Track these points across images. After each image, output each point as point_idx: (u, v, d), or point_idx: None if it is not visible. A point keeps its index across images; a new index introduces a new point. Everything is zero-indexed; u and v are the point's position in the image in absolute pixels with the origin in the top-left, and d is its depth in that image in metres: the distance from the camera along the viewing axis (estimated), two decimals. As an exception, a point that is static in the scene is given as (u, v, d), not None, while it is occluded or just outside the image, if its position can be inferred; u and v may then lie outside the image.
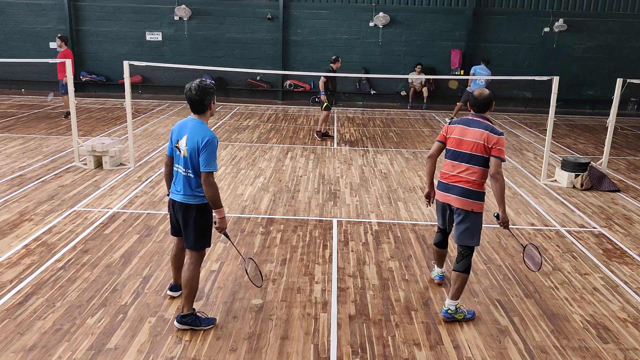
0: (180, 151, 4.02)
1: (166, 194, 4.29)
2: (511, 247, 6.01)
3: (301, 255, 5.62)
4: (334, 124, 13.75)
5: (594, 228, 6.76)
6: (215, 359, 3.84)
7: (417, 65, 16.78)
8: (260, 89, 17.81)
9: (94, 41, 17.47)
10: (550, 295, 4.96)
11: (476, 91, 4.54)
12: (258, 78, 17.66)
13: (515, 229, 6.62)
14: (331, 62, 11.57)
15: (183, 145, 3.98)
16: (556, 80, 8.32)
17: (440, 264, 5.05)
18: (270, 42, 17.40)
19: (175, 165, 4.11)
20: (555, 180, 8.78)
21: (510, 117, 16.04)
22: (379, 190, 8.04)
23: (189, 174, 4.01)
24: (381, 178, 8.75)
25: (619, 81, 8.79)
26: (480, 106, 4.45)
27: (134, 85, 11.84)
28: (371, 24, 17.12)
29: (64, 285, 4.79)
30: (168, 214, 4.34)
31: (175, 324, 4.18)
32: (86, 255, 5.43)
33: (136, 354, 3.86)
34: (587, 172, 8.42)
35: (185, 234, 4.14)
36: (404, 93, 17.60)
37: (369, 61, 17.37)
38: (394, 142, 11.77)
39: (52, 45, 16.96)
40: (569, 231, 6.61)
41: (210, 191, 3.91)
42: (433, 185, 4.77)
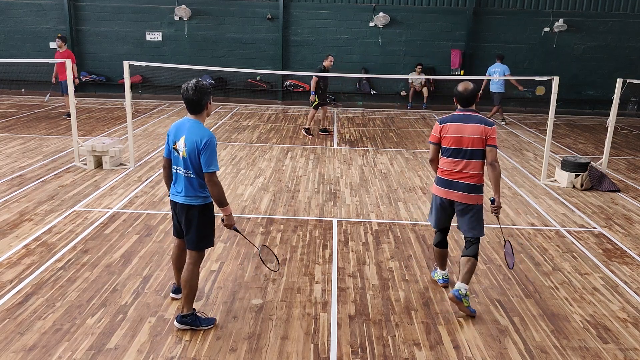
0: (178, 152, 4.01)
1: (167, 195, 4.28)
2: (511, 247, 6.01)
3: (301, 255, 5.62)
4: (334, 124, 13.75)
5: (594, 228, 6.76)
6: (215, 359, 3.84)
7: (417, 66, 16.78)
8: (260, 89, 17.81)
9: (94, 41, 17.46)
10: (550, 295, 4.96)
11: (460, 86, 4.62)
12: (258, 78, 17.66)
13: (515, 229, 6.62)
14: (323, 61, 11.72)
15: (181, 147, 3.97)
16: (556, 80, 8.32)
17: (443, 265, 5.03)
18: (270, 42, 17.40)
19: (175, 167, 4.10)
20: (555, 180, 8.78)
21: (510, 117, 16.03)
22: (379, 190, 8.04)
23: (190, 175, 4.00)
24: (381, 178, 8.75)
25: (619, 81, 8.79)
26: (468, 100, 4.60)
27: (134, 85, 11.86)
28: (371, 24, 17.11)
29: (64, 285, 4.79)
30: (171, 215, 4.35)
31: (175, 324, 4.18)
32: (86, 255, 5.43)
33: (136, 354, 3.86)
34: (587, 172, 8.42)
35: (188, 234, 4.13)
36: (404, 93, 17.60)
37: (369, 61, 17.38)
38: (394, 142, 11.77)
39: (52, 45, 16.95)
40: (569, 231, 6.61)
41: (215, 191, 3.95)
42: None
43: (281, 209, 7.05)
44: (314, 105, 11.81)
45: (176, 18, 17.14)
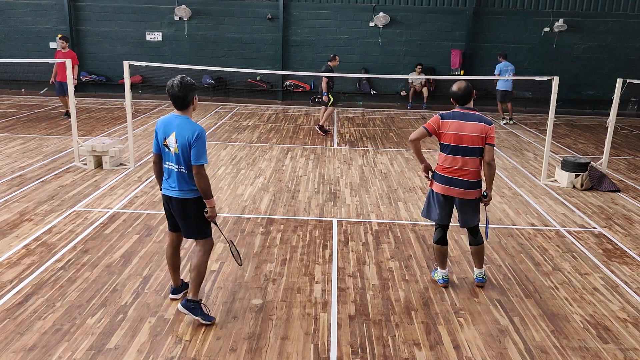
0: (169, 149, 4.06)
1: (159, 190, 4.35)
2: (511, 247, 6.02)
3: (301, 255, 5.62)
4: (334, 124, 13.75)
5: (594, 228, 6.76)
6: (215, 359, 3.84)
7: (417, 66, 16.78)
8: (260, 89, 17.81)
9: (94, 41, 17.47)
10: (550, 295, 4.96)
11: (454, 86, 4.75)
12: (258, 78, 17.66)
13: (515, 229, 6.62)
14: (329, 61, 11.92)
15: (172, 143, 4.02)
16: (556, 80, 8.32)
17: (443, 264, 5.04)
18: (270, 42, 17.40)
19: (166, 162, 4.15)
20: (555, 180, 8.78)
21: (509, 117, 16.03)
22: (379, 190, 8.04)
23: (182, 170, 4.07)
24: (381, 178, 8.75)
25: (619, 81, 8.79)
26: (465, 98, 4.71)
27: (134, 85, 11.85)
28: (371, 24, 17.12)
29: (64, 285, 4.79)
30: (164, 209, 4.42)
31: (179, 306, 4.26)
32: (86, 255, 5.43)
33: (136, 354, 3.86)
34: (587, 172, 8.42)
35: (186, 227, 4.24)
36: (404, 93, 17.60)
37: (369, 61, 17.38)
38: (394, 142, 11.77)
39: (52, 45, 16.97)
40: (569, 231, 6.61)
41: (202, 182, 4.01)
42: (425, 159, 4.95)
43: (281, 209, 7.05)
44: (330, 103, 12.12)
45: (176, 18, 17.15)
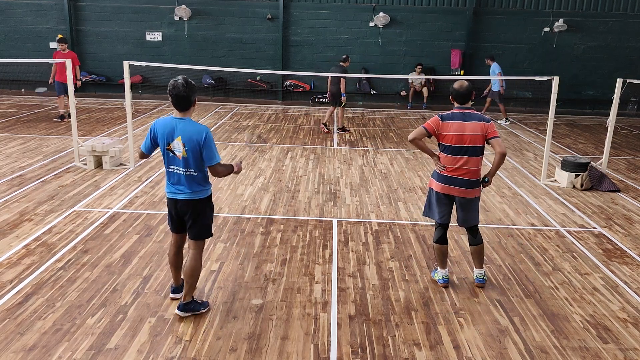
0: (174, 153, 4.04)
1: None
2: (511, 247, 6.02)
3: (301, 255, 5.62)
4: (334, 124, 13.75)
5: (594, 228, 6.76)
6: (215, 359, 3.84)
7: (417, 66, 16.78)
8: (260, 89, 17.81)
9: (94, 41, 17.47)
10: (550, 295, 4.96)
11: (455, 84, 4.80)
12: (258, 78, 17.66)
13: (515, 229, 6.62)
14: (341, 62, 12.25)
15: (179, 147, 4.00)
16: (556, 80, 8.32)
17: (443, 264, 5.04)
18: (270, 42, 17.40)
19: (171, 166, 4.12)
20: (555, 180, 8.78)
21: (510, 117, 16.03)
22: (379, 190, 8.04)
23: (192, 173, 4.08)
24: (381, 178, 8.75)
25: (619, 81, 8.79)
26: (466, 97, 4.75)
27: (134, 85, 11.84)
28: (371, 24, 17.12)
29: (64, 285, 4.79)
30: (169, 212, 4.42)
31: (178, 312, 4.29)
32: (86, 255, 5.43)
33: (136, 354, 3.86)
34: (587, 172, 8.42)
35: (195, 228, 4.25)
36: (404, 93, 17.60)
37: (369, 61, 17.38)
38: (394, 142, 11.77)
39: (52, 45, 16.96)
40: (569, 231, 6.61)
41: (223, 173, 4.23)
42: (432, 151, 4.91)
43: (281, 209, 7.05)
44: (344, 104, 12.45)
45: (176, 18, 17.15)
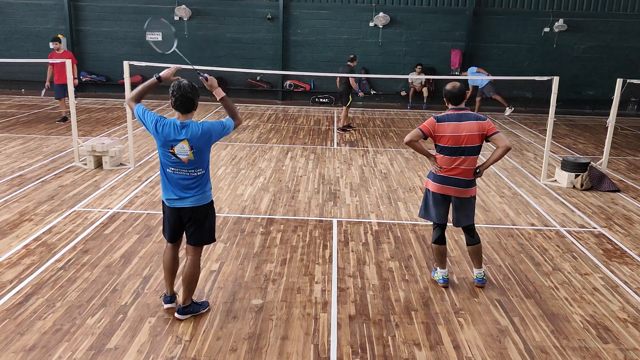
0: (178, 157, 3.95)
1: None
2: (511, 247, 6.02)
3: (301, 256, 5.62)
4: (334, 124, 13.75)
5: (594, 228, 6.76)
6: (215, 359, 3.84)
7: (417, 66, 16.78)
8: (260, 89, 17.81)
9: (94, 41, 17.47)
10: (550, 295, 4.95)
11: (448, 86, 4.84)
12: (258, 78, 17.66)
13: (515, 229, 6.62)
14: (349, 61, 12.43)
15: (185, 150, 3.93)
16: (556, 80, 8.31)
17: (443, 264, 5.04)
18: (270, 42, 17.40)
19: (172, 169, 4.01)
20: (555, 180, 8.78)
21: (510, 117, 16.04)
22: (379, 191, 8.04)
23: (199, 173, 4.04)
24: (381, 178, 8.75)
25: (619, 81, 8.79)
26: (460, 98, 4.78)
27: (134, 85, 11.82)
28: (371, 24, 17.11)
29: (64, 285, 4.79)
30: (167, 221, 4.25)
31: (178, 316, 4.28)
32: (86, 255, 5.43)
33: (136, 354, 3.86)
34: (587, 172, 8.41)
35: (199, 234, 4.19)
36: (404, 93, 17.60)
37: (369, 61, 17.37)
38: (394, 142, 11.77)
39: (52, 45, 16.93)
40: (569, 231, 6.61)
41: (232, 108, 4.33)
42: (429, 152, 4.92)
43: (281, 209, 7.05)
44: (349, 104, 12.57)
45: (176, 18, 17.15)
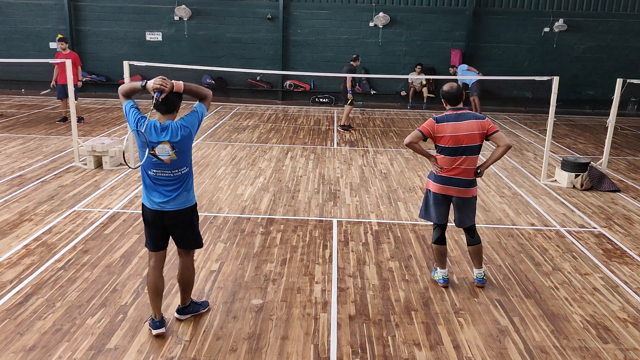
0: (160, 158, 3.77)
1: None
2: (511, 247, 6.02)
3: (301, 256, 5.61)
4: (334, 124, 13.75)
5: (594, 228, 6.76)
6: (215, 359, 3.84)
7: (417, 66, 16.78)
8: (260, 89, 17.81)
9: (94, 41, 17.47)
10: (550, 295, 4.95)
11: (445, 87, 4.82)
12: (258, 78, 17.66)
13: (515, 229, 6.62)
14: (351, 61, 12.48)
15: (167, 151, 3.76)
16: (556, 80, 8.31)
17: (443, 264, 5.04)
18: (270, 42, 17.40)
19: (153, 171, 3.83)
20: (555, 180, 8.78)
21: (510, 117, 16.04)
22: (379, 190, 8.03)
23: (183, 171, 3.89)
24: (381, 178, 8.75)
25: (619, 81, 8.79)
26: (458, 98, 4.77)
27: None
28: (371, 24, 17.11)
29: (64, 285, 4.79)
30: (150, 228, 4.01)
31: (177, 316, 4.27)
32: (86, 255, 5.43)
33: (136, 354, 3.86)
34: (587, 172, 8.41)
35: (185, 238, 4.10)
36: (404, 93, 17.60)
37: (369, 61, 17.37)
38: (394, 142, 11.77)
39: (52, 45, 16.96)
40: (569, 231, 6.61)
41: (197, 89, 3.97)
42: (429, 153, 4.91)
43: (281, 209, 7.05)
44: (349, 102, 12.58)
45: (176, 18, 17.15)
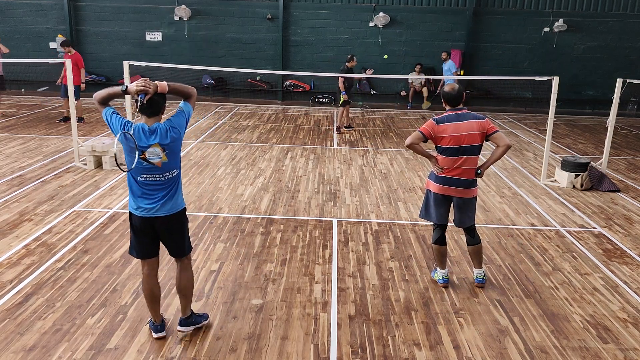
0: (150, 162, 3.68)
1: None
2: (511, 247, 6.02)
3: (301, 256, 5.61)
4: (334, 124, 13.75)
5: (594, 228, 6.76)
6: (215, 359, 3.84)
7: (417, 65, 16.78)
8: (260, 89, 17.81)
9: (94, 41, 17.47)
10: (550, 295, 4.95)
11: (446, 87, 4.82)
12: (258, 78, 17.66)
13: (515, 229, 6.62)
14: (346, 62, 12.47)
15: (158, 154, 3.67)
16: (556, 80, 8.31)
17: (443, 264, 5.04)
18: (270, 42, 17.40)
19: (144, 176, 3.72)
20: (555, 180, 8.78)
21: (510, 117, 16.04)
22: (379, 191, 8.03)
23: (174, 173, 3.80)
24: (381, 178, 8.75)
25: (619, 81, 8.79)
26: (458, 99, 4.76)
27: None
28: (371, 24, 17.11)
29: (64, 285, 4.79)
30: (137, 235, 3.89)
31: (181, 329, 4.10)
32: (86, 255, 5.43)
33: (136, 354, 3.86)
34: (587, 172, 8.42)
35: (176, 245, 3.97)
36: (403, 93, 17.60)
37: (369, 61, 17.34)
38: (394, 142, 11.77)
39: (52, 45, 16.98)
40: (569, 231, 6.61)
41: (184, 89, 3.88)
42: (430, 153, 4.87)
43: (281, 209, 7.05)
44: (342, 103, 12.53)
45: (176, 18, 17.14)
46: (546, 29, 16.96)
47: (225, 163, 9.37)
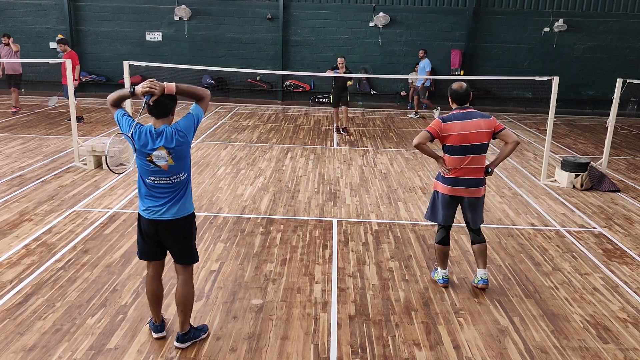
0: (157, 165, 3.65)
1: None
2: (511, 247, 6.02)
3: (301, 255, 5.61)
4: (334, 124, 13.75)
5: (594, 228, 6.76)
6: (215, 359, 3.84)
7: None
8: (260, 89, 17.81)
9: (94, 41, 17.46)
10: (550, 295, 4.95)
11: (454, 85, 4.79)
12: (258, 78, 17.66)
13: (515, 229, 6.62)
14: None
15: (163, 157, 3.63)
16: (556, 80, 8.31)
17: (444, 264, 5.03)
18: (270, 42, 17.40)
19: (151, 178, 3.72)
20: (555, 180, 8.78)
21: (510, 117, 16.04)
22: (379, 190, 8.03)
23: (182, 177, 3.75)
24: (381, 178, 8.75)
25: (619, 81, 8.79)
26: (465, 98, 4.77)
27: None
28: (371, 24, 17.11)
29: (64, 285, 4.79)
30: (143, 237, 3.90)
31: (178, 345, 3.93)
32: (86, 255, 5.43)
33: (136, 354, 3.86)
34: (587, 172, 8.42)
35: (181, 251, 3.89)
36: (403, 93, 17.60)
37: (369, 61, 17.38)
38: (394, 142, 11.78)
39: (52, 45, 16.95)
40: (569, 231, 6.61)
41: (194, 90, 3.76)
42: (436, 154, 4.83)
43: (281, 209, 7.05)
44: (332, 102, 12.68)
45: (176, 18, 17.14)
46: (546, 29, 16.96)
47: (225, 163, 9.37)
